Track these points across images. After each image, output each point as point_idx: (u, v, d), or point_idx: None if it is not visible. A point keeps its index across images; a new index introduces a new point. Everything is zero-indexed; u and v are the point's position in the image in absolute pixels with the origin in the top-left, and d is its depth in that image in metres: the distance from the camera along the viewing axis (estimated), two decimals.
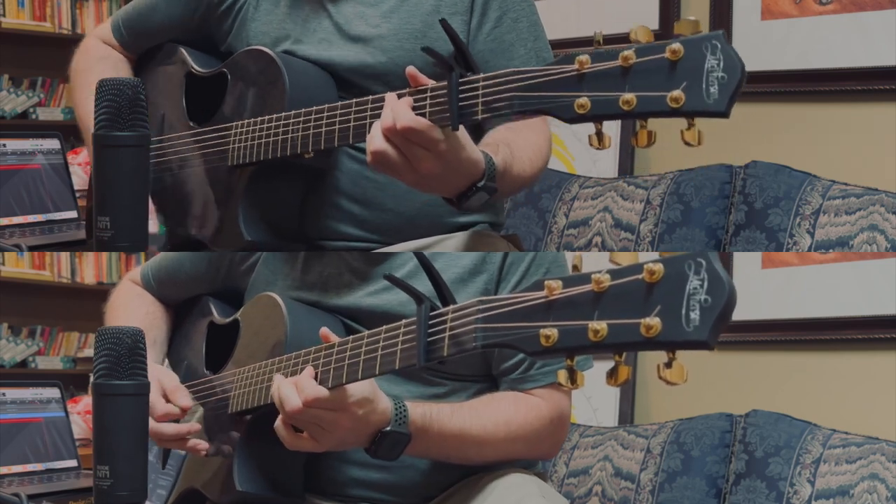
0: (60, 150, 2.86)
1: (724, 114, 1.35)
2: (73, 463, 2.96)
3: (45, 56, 5.04)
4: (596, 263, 1.29)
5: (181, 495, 1.97)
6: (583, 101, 1.43)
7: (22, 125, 5.11)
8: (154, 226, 2.02)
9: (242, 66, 1.93)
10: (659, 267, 1.20)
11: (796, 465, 2.54)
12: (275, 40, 1.95)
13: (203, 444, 1.84)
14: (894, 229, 2.62)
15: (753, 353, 2.93)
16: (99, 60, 2.12)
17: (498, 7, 1.92)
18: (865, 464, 2.47)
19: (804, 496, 2.51)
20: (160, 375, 1.86)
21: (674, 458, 2.72)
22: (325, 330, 1.67)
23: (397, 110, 1.61)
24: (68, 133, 2.94)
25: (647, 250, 2.86)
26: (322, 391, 1.62)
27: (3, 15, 5.10)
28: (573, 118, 1.45)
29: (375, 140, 1.63)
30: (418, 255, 1.55)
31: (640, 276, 1.21)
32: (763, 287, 2.89)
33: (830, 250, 2.68)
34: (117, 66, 2.11)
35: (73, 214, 2.80)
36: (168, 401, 1.84)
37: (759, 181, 2.80)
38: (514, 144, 1.79)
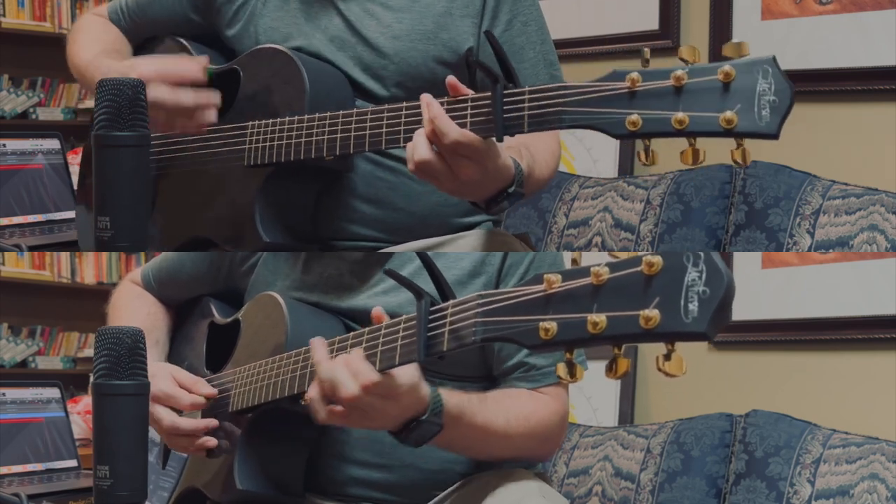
0: (60, 150, 2.87)
1: (775, 136, 1.40)
2: (73, 463, 2.96)
3: (45, 56, 5.04)
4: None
5: (181, 494, 1.97)
6: (634, 118, 1.46)
7: (22, 125, 5.12)
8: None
9: (257, 64, 1.92)
10: (657, 259, 1.21)
11: (796, 465, 2.54)
12: (284, 37, 1.94)
13: (213, 441, 1.83)
14: (894, 229, 2.62)
15: (753, 353, 2.93)
16: (104, 25, 2.11)
17: (509, 10, 1.93)
18: (865, 464, 2.47)
19: (804, 496, 2.51)
20: (172, 371, 1.86)
21: (674, 458, 2.72)
22: (377, 310, 1.62)
23: (442, 122, 1.62)
24: (68, 133, 2.94)
25: (647, 250, 2.85)
26: (377, 376, 1.57)
27: (3, 15, 5.11)
28: (623, 135, 1.48)
29: (420, 149, 1.64)
30: (420, 254, 1.55)
31: (638, 269, 1.22)
32: (763, 287, 2.89)
33: (830, 250, 2.69)
34: (121, 37, 2.10)
35: (73, 214, 2.80)
36: (190, 392, 1.84)
37: (759, 181, 2.80)
38: (534, 148, 1.81)
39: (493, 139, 1.62)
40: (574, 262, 1.30)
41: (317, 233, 1.93)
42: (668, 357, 1.22)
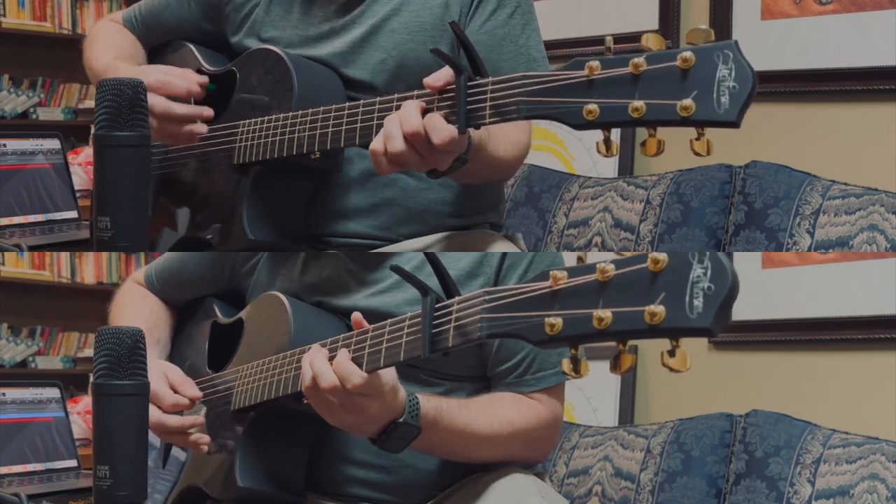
0: (60, 150, 2.86)
1: (735, 124, 1.34)
2: (73, 463, 2.96)
3: (45, 56, 5.04)
4: None
5: (182, 492, 1.97)
6: (592, 107, 1.43)
7: (22, 125, 5.11)
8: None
9: (251, 64, 1.94)
10: (663, 256, 1.21)
11: (796, 465, 2.54)
12: (286, 44, 1.95)
13: (205, 439, 1.84)
14: (894, 229, 2.62)
15: (753, 353, 2.93)
16: (120, 31, 2.14)
17: (495, 1, 1.93)
18: (865, 464, 2.47)
19: (804, 496, 2.51)
20: (166, 369, 1.87)
21: (674, 458, 2.72)
22: (357, 315, 1.65)
23: (406, 114, 1.63)
24: (68, 133, 2.94)
25: (648, 250, 2.86)
26: (363, 377, 1.59)
27: (4, 15, 5.10)
28: (581, 124, 1.44)
29: (394, 141, 1.63)
30: (427, 253, 1.55)
31: (644, 265, 1.22)
32: (763, 287, 2.89)
33: (830, 250, 2.68)
34: (136, 43, 2.13)
35: (73, 214, 2.80)
36: (176, 392, 1.84)
37: (759, 181, 2.80)
38: (492, 129, 1.79)
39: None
40: (580, 259, 1.30)
41: (310, 230, 1.94)
42: (672, 353, 1.22)
